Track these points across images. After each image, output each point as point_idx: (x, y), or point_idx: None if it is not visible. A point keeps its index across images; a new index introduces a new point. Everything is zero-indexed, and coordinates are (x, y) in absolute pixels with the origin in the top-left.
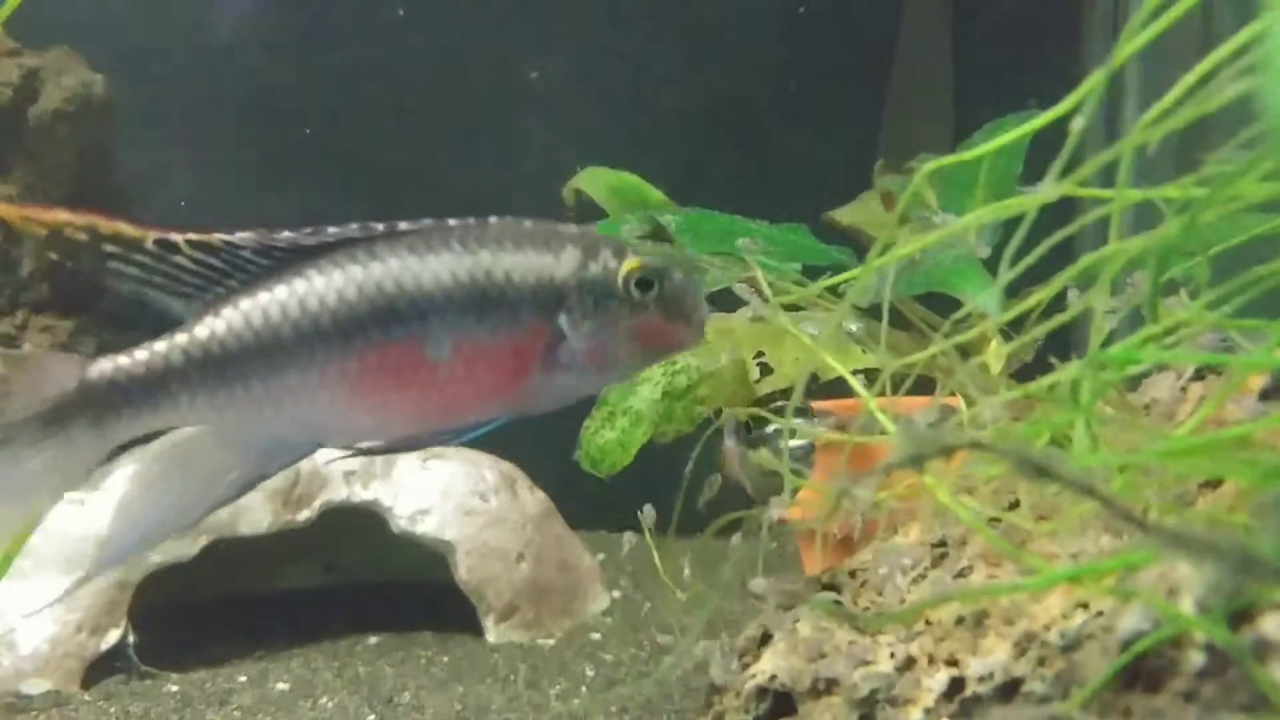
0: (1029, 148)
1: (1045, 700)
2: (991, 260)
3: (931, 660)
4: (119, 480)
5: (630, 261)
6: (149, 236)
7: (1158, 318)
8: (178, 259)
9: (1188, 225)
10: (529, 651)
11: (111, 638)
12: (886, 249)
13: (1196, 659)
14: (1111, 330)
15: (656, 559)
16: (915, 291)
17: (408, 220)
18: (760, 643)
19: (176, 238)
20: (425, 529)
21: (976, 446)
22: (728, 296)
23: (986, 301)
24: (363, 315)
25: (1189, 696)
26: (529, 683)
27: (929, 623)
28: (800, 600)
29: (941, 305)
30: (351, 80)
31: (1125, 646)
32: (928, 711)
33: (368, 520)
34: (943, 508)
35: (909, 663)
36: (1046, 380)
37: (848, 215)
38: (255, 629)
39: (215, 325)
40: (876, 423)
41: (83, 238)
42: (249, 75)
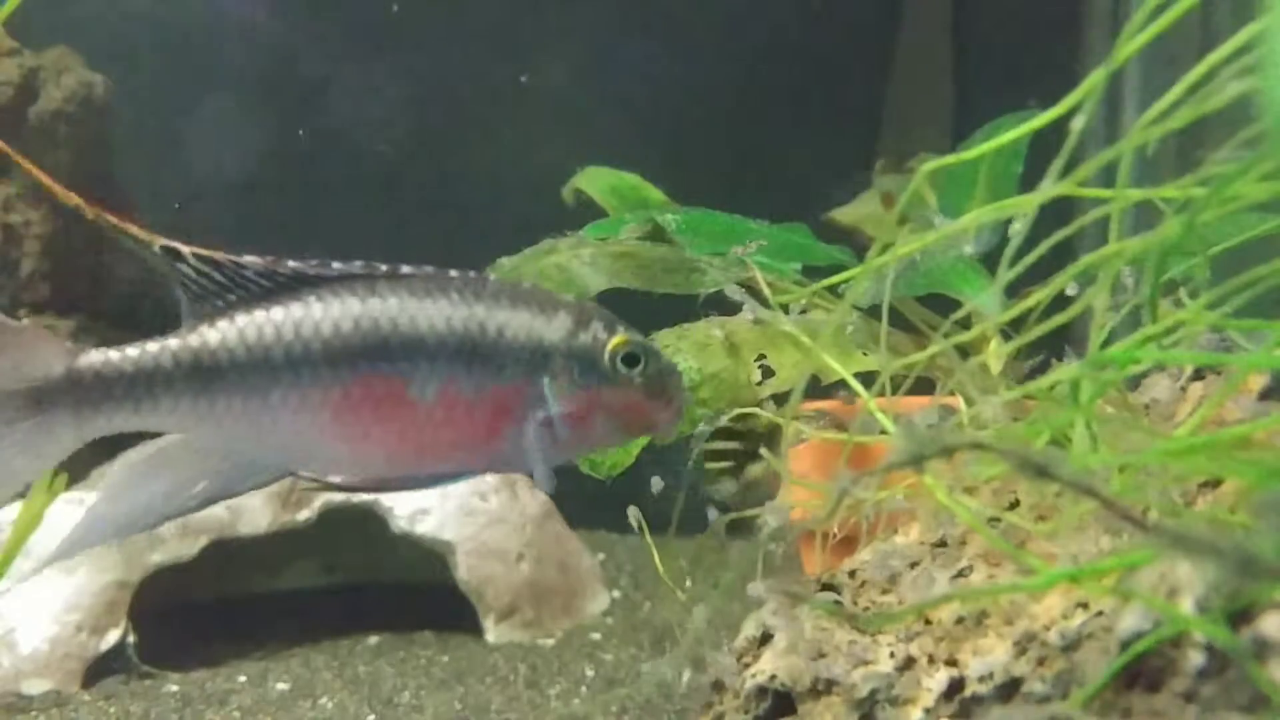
0: (1029, 148)
1: (1045, 700)
2: (991, 260)
3: (931, 660)
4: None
5: (619, 336)
6: (156, 241)
7: (1157, 317)
8: (183, 268)
9: (1187, 225)
10: (529, 651)
11: (111, 638)
12: (886, 249)
13: (1196, 659)
14: (1111, 330)
15: (657, 559)
16: (915, 293)
17: (411, 265)
18: (760, 642)
19: (184, 249)
20: (425, 529)
21: (976, 447)
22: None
23: (986, 302)
24: (353, 348)
25: (1189, 696)
26: (529, 683)
27: (929, 622)
28: (800, 600)
29: (941, 305)
30: (351, 80)
31: (1125, 646)
32: (928, 711)
33: (367, 520)
34: (942, 507)
35: (909, 662)
36: (1046, 380)
37: (848, 215)
38: (255, 629)
39: (207, 335)
40: (876, 423)
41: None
42: (248, 75)
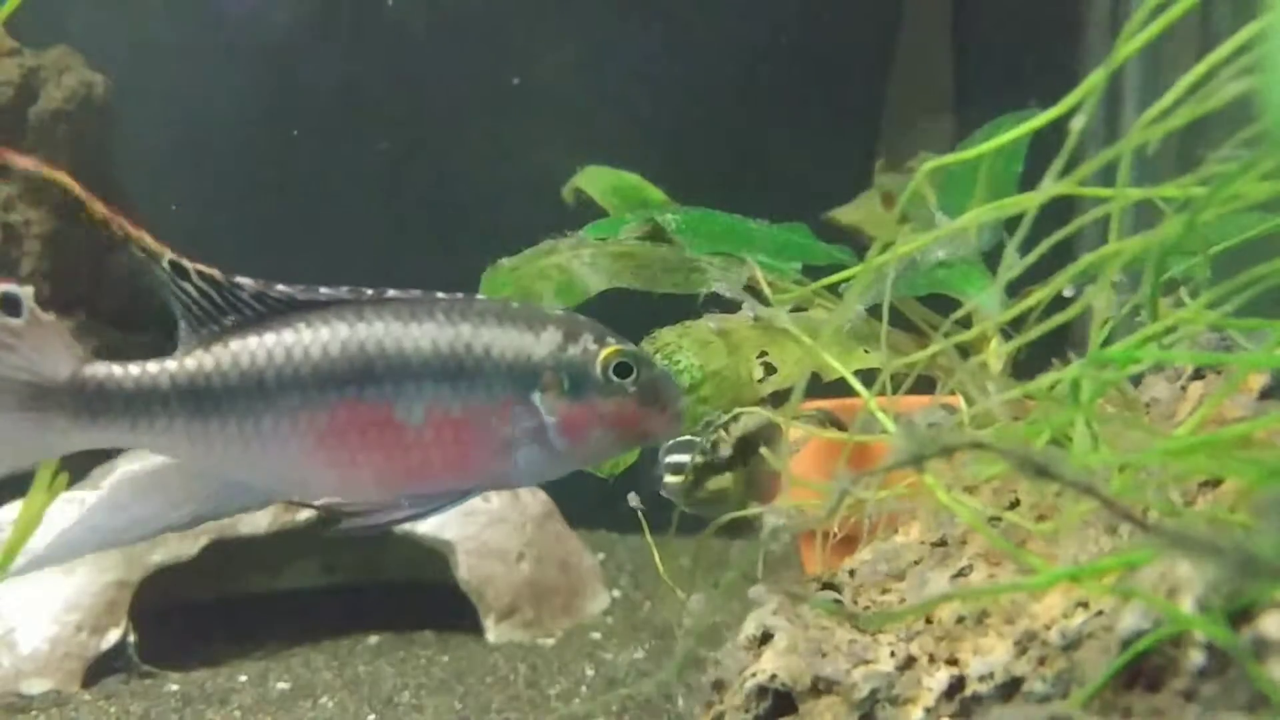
0: (1029, 147)
1: (1045, 699)
2: (991, 260)
3: (932, 659)
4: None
5: (610, 347)
6: (165, 254)
7: (1157, 317)
8: (186, 286)
9: (1187, 224)
10: (529, 651)
11: (112, 637)
12: (886, 248)
13: (1196, 658)
14: (1112, 329)
15: (657, 558)
16: (916, 293)
17: (397, 289)
18: (760, 642)
19: (188, 265)
20: (425, 529)
21: (976, 446)
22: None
23: (986, 301)
24: (339, 373)
25: (1189, 695)
26: (529, 682)
27: (929, 621)
28: (800, 600)
29: (941, 304)
30: (350, 81)
31: (1125, 645)
32: (928, 710)
33: None
34: (943, 507)
35: (909, 662)
36: (1047, 379)
37: (848, 215)
38: (255, 629)
39: (204, 360)
40: (877, 422)
41: (118, 235)
42: (246, 75)
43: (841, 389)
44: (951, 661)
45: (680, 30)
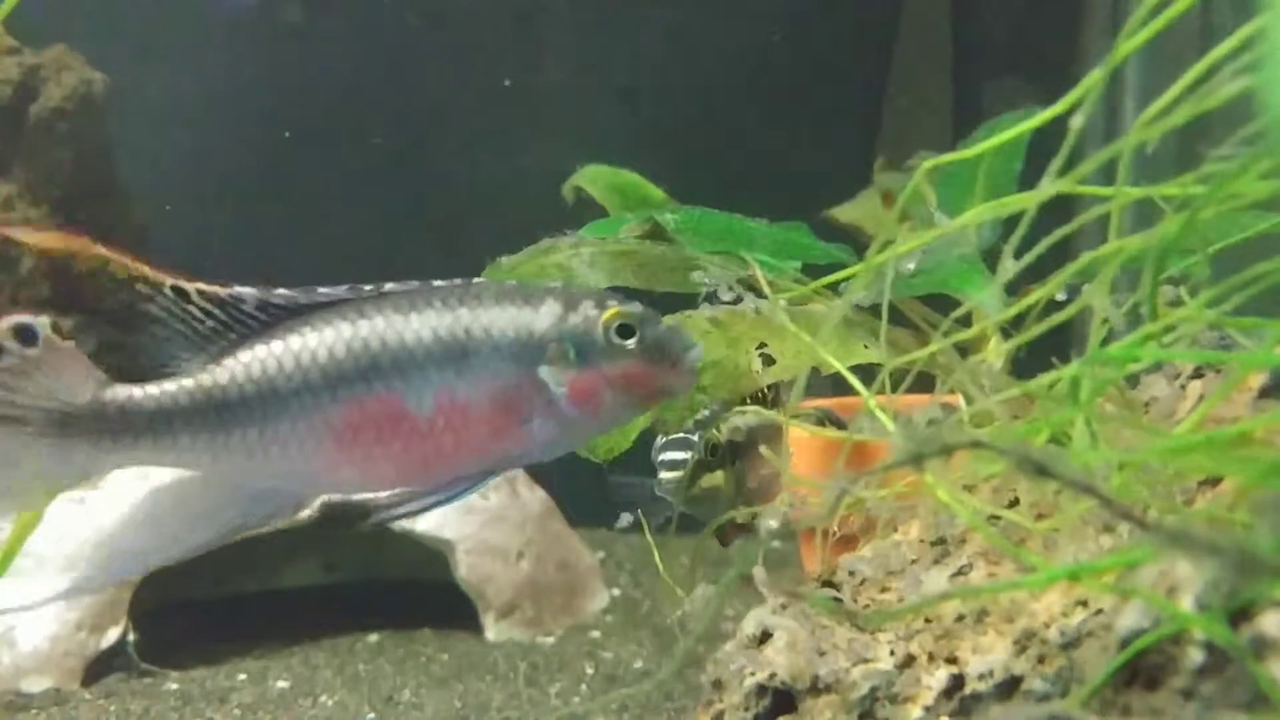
0: (1029, 146)
1: (1045, 698)
2: (991, 259)
3: (931, 658)
4: (120, 482)
5: (611, 309)
6: (166, 282)
7: (1157, 316)
8: (190, 309)
9: (1187, 223)
10: (529, 649)
11: (112, 636)
12: (886, 247)
13: (1195, 656)
14: (1111, 328)
15: (657, 557)
16: (916, 293)
17: (395, 281)
18: (760, 640)
19: (188, 286)
20: (425, 527)
21: (976, 445)
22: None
23: (986, 300)
24: (348, 370)
25: (1188, 694)
26: (529, 680)
27: (929, 620)
28: (800, 598)
29: (941, 302)
30: (349, 81)
31: (1125, 644)
32: (928, 709)
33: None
34: (942, 506)
35: (909, 660)
36: (1047, 378)
37: (847, 213)
38: (255, 627)
39: (217, 375)
40: (877, 420)
41: (119, 274)
42: (244, 75)
43: (842, 387)
44: (951, 660)
45: (680, 29)
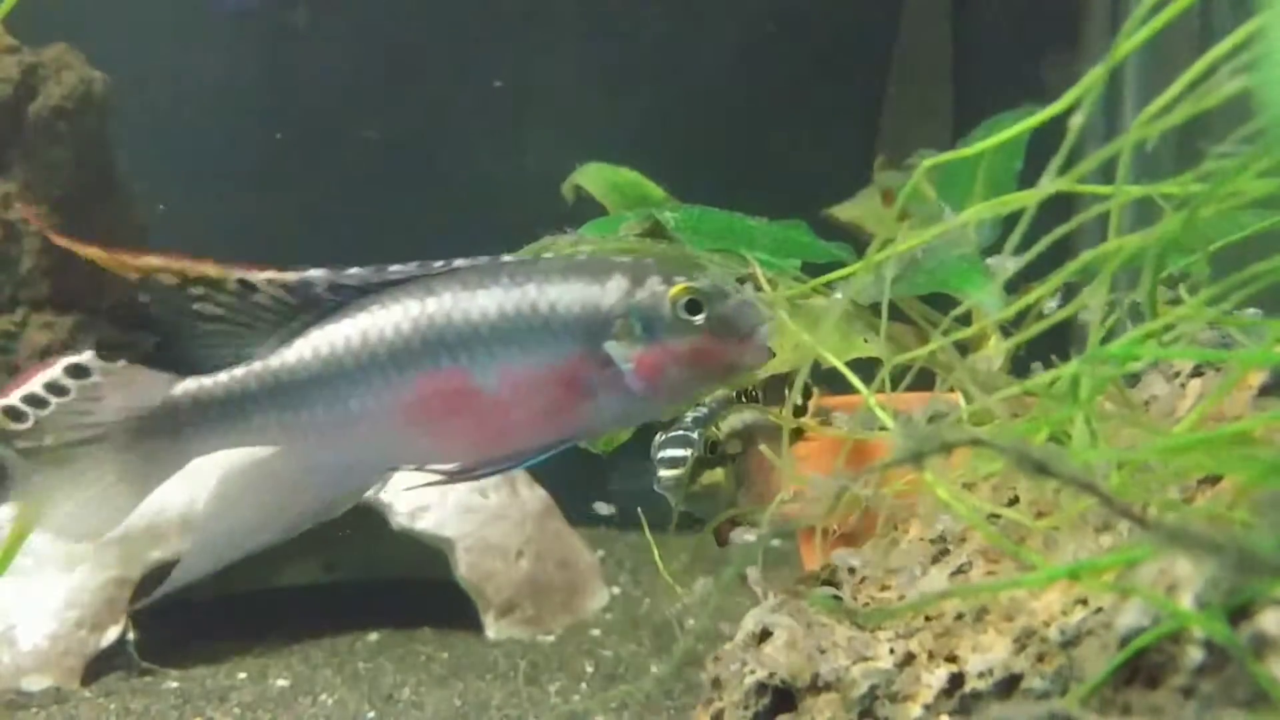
0: (1028, 145)
1: (1044, 696)
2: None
3: (931, 656)
4: None
5: (679, 285)
6: (231, 277)
7: (1157, 314)
8: (257, 298)
9: (1187, 221)
10: (529, 648)
11: (111, 635)
12: (885, 245)
13: (1195, 655)
14: (1110, 327)
15: (657, 555)
16: (916, 293)
17: (464, 258)
18: (759, 638)
19: (256, 277)
20: (424, 526)
21: (976, 443)
22: None
23: (986, 299)
24: (415, 347)
25: (1188, 692)
26: (529, 679)
27: (928, 618)
28: (799, 596)
29: (940, 300)
30: (349, 81)
31: (1124, 643)
32: (927, 707)
33: (367, 517)
34: (942, 504)
35: (909, 659)
36: (1046, 376)
37: (847, 212)
38: (255, 626)
39: (287, 356)
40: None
41: (172, 281)
42: (243, 75)
43: (841, 385)
44: (950, 658)
45: (680, 27)
